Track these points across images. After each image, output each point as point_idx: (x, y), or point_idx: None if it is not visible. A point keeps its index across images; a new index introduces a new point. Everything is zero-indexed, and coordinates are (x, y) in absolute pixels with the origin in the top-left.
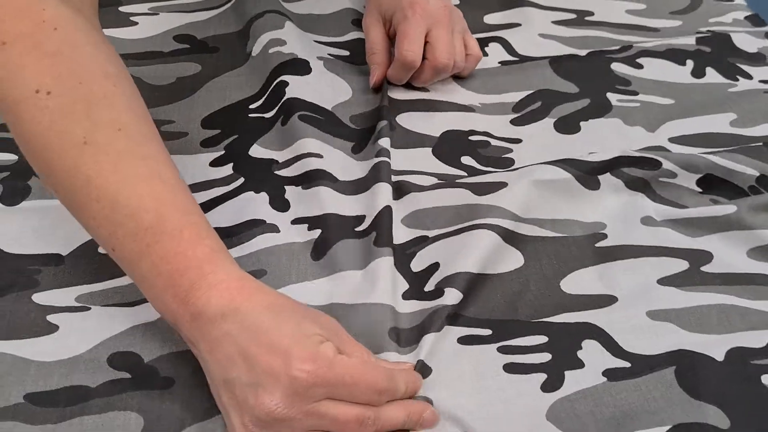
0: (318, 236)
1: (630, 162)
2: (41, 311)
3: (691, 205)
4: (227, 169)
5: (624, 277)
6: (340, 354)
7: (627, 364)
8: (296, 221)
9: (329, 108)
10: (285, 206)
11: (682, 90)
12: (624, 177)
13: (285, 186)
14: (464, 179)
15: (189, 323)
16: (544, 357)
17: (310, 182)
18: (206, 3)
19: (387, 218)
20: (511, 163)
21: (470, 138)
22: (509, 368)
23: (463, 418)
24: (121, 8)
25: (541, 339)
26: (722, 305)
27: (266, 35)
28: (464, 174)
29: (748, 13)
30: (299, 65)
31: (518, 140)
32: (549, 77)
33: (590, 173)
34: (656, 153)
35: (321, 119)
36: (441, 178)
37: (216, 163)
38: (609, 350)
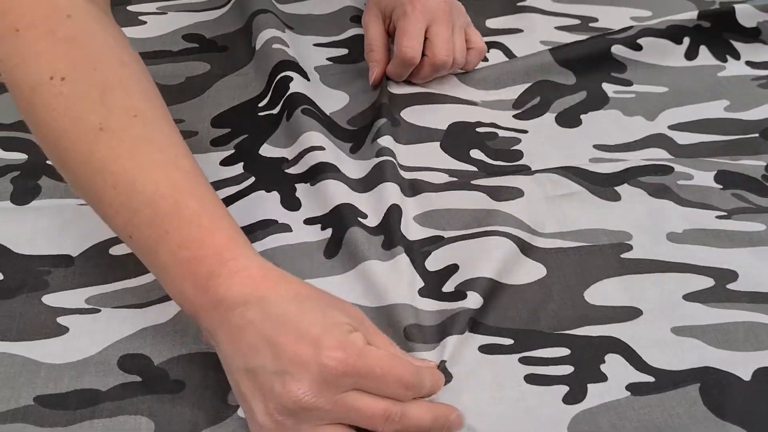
0: (330, 235)
1: (642, 171)
2: (51, 313)
3: (718, 204)
4: (238, 168)
5: (650, 290)
6: (369, 345)
7: (651, 379)
8: (309, 221)
9: (327, 113)
10: (296, 205)
11: (674, 75)
12: (644, 186)
13: (295, 184)
14: (479, 180)
15: (208, 311)
16: (567, 369)
17: (318, 177)
18: (214, 2)
19: (396, 218)
20: (521, 156)
21: (477, 130)
22: (530, 379)
23: (483, 428)
24: (130, 7)
25: (564, 351)
26: (750, 323)
27: (268, 31)
28: (474, 169)
29: None
30: (300, 71)
31: (524, 131)
32: (547, 66)
33: (603, 185)
34: (662, 159)
35: (321, 118)
36: (452, 174)
37: (226, 162)
38: (633, 364)
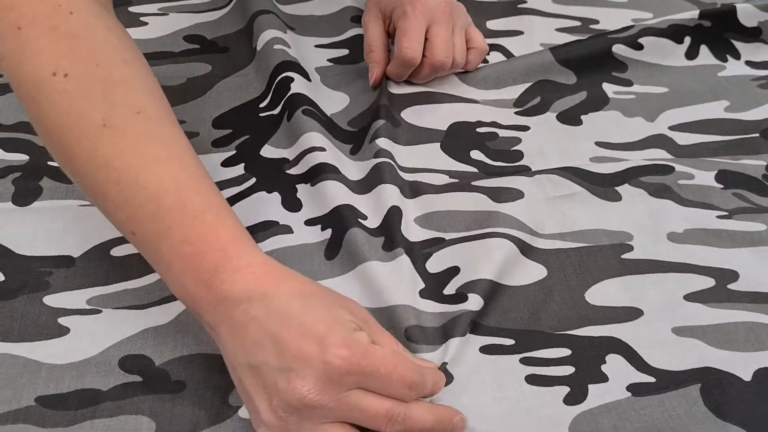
0: (330, 236)
1: (642, 171)
2: (52, 314)
3: (719, 203)
4: (239, 169)
5: (650, 291)
6: (373, 343)
7: (652, 379)
8: (309, 222)
9: (328, 114)
10: (297, 206)
11: (674, 75)
12: (644, 186)
13: (296, 185)
14: (479, 181)
15: (211, 307)
16: (567, 370)
17: (318, 177)
18: (215, 3)
19: (396, 219)
20: (521, 156)
21: (477, 130)
22: (531, 380)
23: (484, 429)
24: (131, 8)
25: (565, 352)
26: (751, 323)
27: (269, 32)
28: (474, 170)
29: None
30: (301, 71)
31: (526, 127)
32: (548, 65)
33: (604, 185)
34: (662, 159)
35: (322, 119)
36: (452, 176)
37: (227, 163)
38: (633, 365)
